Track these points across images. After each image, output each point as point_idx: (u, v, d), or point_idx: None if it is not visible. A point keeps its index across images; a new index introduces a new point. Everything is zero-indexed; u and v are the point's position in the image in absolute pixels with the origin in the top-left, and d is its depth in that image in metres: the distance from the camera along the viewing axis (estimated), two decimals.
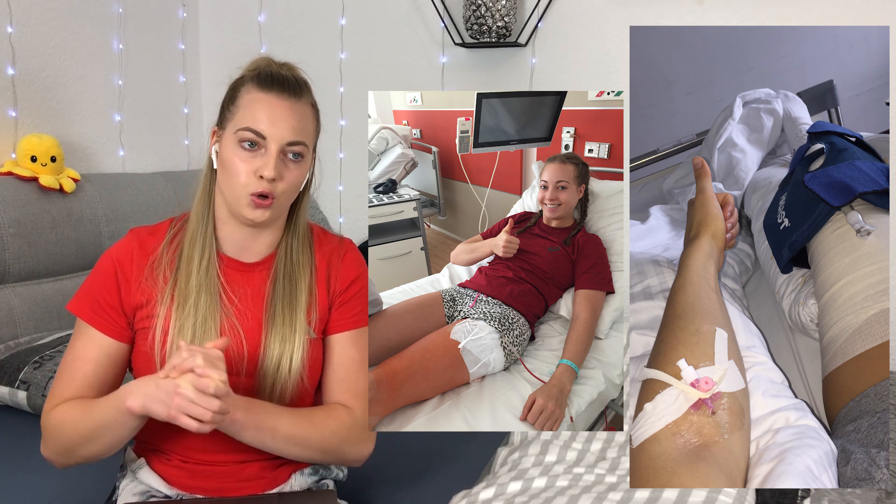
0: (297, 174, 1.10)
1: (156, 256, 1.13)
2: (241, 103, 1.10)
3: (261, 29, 2.86)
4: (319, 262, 1.20)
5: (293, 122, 1.09)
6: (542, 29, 2.53)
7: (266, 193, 1.07)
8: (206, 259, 1.12)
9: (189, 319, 1.09)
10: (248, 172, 1.07)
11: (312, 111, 1.15)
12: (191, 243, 1.12)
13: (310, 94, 1.15)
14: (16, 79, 2.13)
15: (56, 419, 1.08)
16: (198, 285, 1.10)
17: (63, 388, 1.10)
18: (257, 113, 1.07)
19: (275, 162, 1.06)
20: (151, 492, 1.17)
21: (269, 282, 1.16)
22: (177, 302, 1.10)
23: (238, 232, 1.14)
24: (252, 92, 1.09)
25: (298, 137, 1.09)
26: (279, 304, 1.14)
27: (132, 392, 1.01)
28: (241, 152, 1.07)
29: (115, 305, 1.11)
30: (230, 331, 1.12)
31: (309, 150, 1.12)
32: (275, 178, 1.06)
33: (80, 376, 1.10)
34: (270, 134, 1.07)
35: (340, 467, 1.29)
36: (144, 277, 1.11)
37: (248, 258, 1.16)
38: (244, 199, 1.07)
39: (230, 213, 1.12)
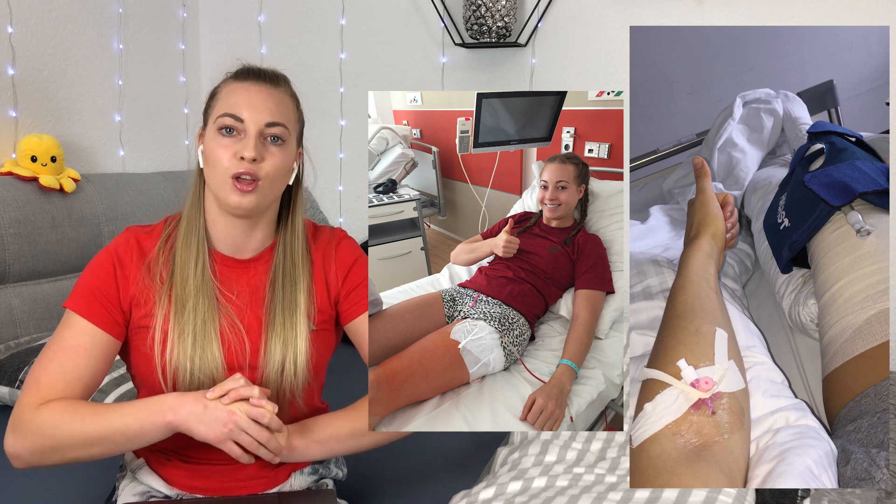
0: (279, 158, 1.10)
1: (152, 257, 1.12)
2: (219, 97, 1.11)
3: (261, 29, 2.86)
4: (315, 256, 1.20)
5: (271, 105, 1.09)
6: (542, 29, 2.53)
7: (248, 173, 1.06)
8: (201, 262, 1.11)
9: (188, 324, 1.09)
10: (229, 157, 1.07)
11: (292, 100, 1.15)
12: (184, 246, 1.12)
13: (288, 85, 1.16)
14: (16, 79, 2.13)
15: (49, 417, 1.02)
16: (195, 289, 1.10)
17: (51, 381, 1.05)
18: (234, 99, 1.09)
19: (254, 142, 1.07)
20: (151, 492, 1.17)
21: (267, 284, 1.15)
22: (174, 306, 1.09)
23: (230, 228, 1.14)
24: (229, 84, 1.12)
25: (277, 119, 1.09)
26: (279, 308, 1.13)
27: (173, 407, 1.01)
28: (222, 139, 1.08)
29: (113, 300, 1.10)
30: (230, 329, 1.12)
31: (290, 134, 1.12)
32: (255, 159, 1.06)
33: (71, 368, 1.06)
34: (248, 117, 1.08)
35: (340, 467, 1.29)
36: (142, 277, 1.11)
37: (242, 255, 1.16)
38: (227, 185, 1.07)
39: (220, 207, 1.12)
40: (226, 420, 1.00)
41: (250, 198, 1.08)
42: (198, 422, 1.01)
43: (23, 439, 1.04)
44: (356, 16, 2.76)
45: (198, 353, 1.08)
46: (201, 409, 1.01)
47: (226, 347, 1.11)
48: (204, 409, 1.01)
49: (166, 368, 1.08)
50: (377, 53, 2.75)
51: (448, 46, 2.64)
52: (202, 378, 1.09)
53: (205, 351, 1.09)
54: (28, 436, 1.03)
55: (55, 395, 1.05)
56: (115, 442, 1.03)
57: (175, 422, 1.01)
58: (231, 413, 1.00)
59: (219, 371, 1.09)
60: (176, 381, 1.09)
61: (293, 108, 1.15)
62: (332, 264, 1.21)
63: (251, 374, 1.12)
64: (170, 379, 1.09)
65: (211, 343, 1.09)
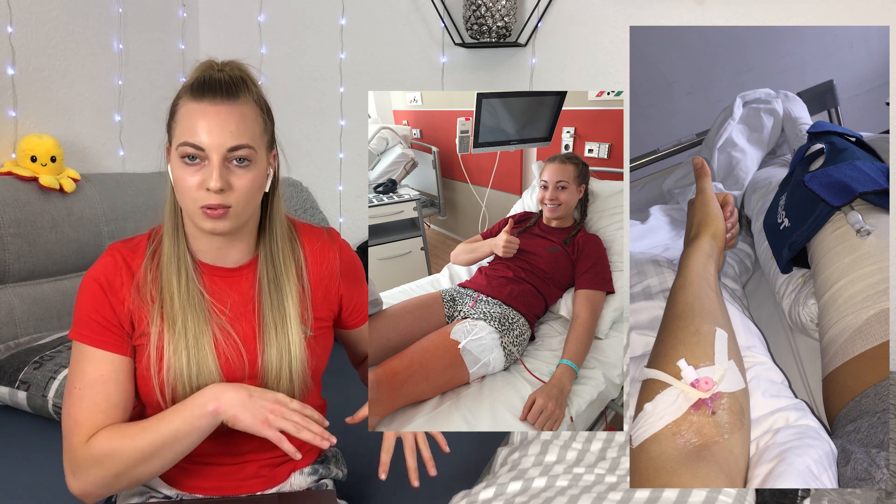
0: (247, 180, 1.05)
1: (140, 277, 1.09)
2: (178, 117, 1.06)
3: (261, 29, 2.86)
4: (312, 260, 1.19)
5: (231, 128, 1.03)
6: (542, 29, 2.53)
7: (217, 205, 1.03)
8: (185, 278, 1.09)
9: (181, 341, 1.07)
10: (195, 187, 1.03)
11: (254, 108, 1.07)
12: (167, 264, 1.10)
13: (249, 91, 1.07)
14: (16, 79, 2.13)
15: (102, 447, 1.03)
16: (181, 307, 1.08)
17: (91, 416, 1.05)
18: (193, 125, 1.03)
19: (218, 172, 1.02)
20: (151, 492, 1.17)
21: (255, 292, 1.14)
22: (166, 323, 1.08)
23: (211, 242, 1.12)
24: (187, 104, 1.05)
25: (239, 141, 1.03)
26: (269, 314, 1.12)
27: (216, 396, 1.04)
28: (186, 168, 1.04)
29: (114, 321, 1.08)
30: (226, 341, 1.10)
31: (256, 152, 1.06)
32: (222, 189, 1.03)
33: (104, 398, 1.06)
34: (209, 144, 1.02)
35: (340, 467, 1.29)
36: (132, 298, 1.09)
37: (228, 263, 1.14)
38: (198, 214, 1.05)
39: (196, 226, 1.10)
40: (271, 406, 1.04)
41: (223, 223, 1.05)
42: (242, 408, 1.03)
43: (84, 476, 1.05)
44: (356, 16, 2.76)
45: (194, 370, 1.07)
46: (245, 396, 1.04)
47: (222, 360, 1.10)
48: (249, 397, 1.04)
49: (164, 386, 1.07)
50: (377, 53, 2.75)
51: (448, 46, 2.64)
52: None
53: (200, 366, 1.07)
54: (88, 471, 1.05)
55: (97, 428, 1.05)
56: (171, 448, 1.04)
57: (220, 408, 1.03)
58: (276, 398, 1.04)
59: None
60: (175, 398, 1.08)
61: (257, 118, 1.07)
62: (334, 270, 1.20)
63: (251, 383, 1.11)
64: (168, 396, 1.07)
65: (206, 357, 1.08)
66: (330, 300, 1.20)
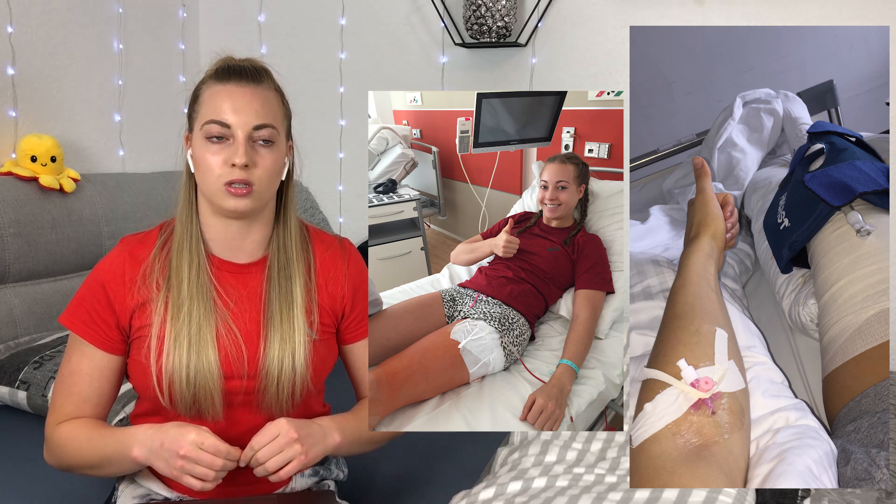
0: (270, 160, 1.08)
1: (147, 265, 1.11)
2: (202, 100, 1.09)
3: (261, 29, 2.86)
4: (321, 264, 1.19)
5: (256, 107, 1.07)
6: (542, 29, 2.53)
7: (241, 181, 1.05)
8: (196, 265, 1.10)
9: (184, 329, 1.08)
10: (220, 164, 1.06)
11: (277, 95, 1.12)
12: (178, 251, 1.11)
13: (271, 80, 1.12)
14: (16, 79, 2.13)
15: (61, 438, 1.10)
16: (189, 294, 1.09)
17: (63, 403, 1.12)
18: (219, 104, 1.06)
19: (244, 149, 1.05)
20: (151, 494, 1.16)
21: (264, 281, 1.14)
22: (171, 312, 1.08)
23: (226, 231, 1.13)
24: (212, 86, 1.09)
25: (264, 121, 1.07)
26: (276, 303, 1.13)
27: (139, 442, 1.04)
28: (211, 146, 1.06)
29: (108, 320, 1.10)
30: (227, 335, 1.10)
31: (279, 133, 1.10)
32: (247, 165, 1.05)
33: (76, 391, 1.11)
34: (235, 121, 1.05)
35: (341, 468, 1.29)
36: (137, 287, 1.10)
37: (240, 258, 1.15)
38: (221, 191, 1.06)
39: (214, 211, 1.11)
40: (176, 456, 1.01)
41: (246, 201, 1.07)
42: (156, 457, 1.03)
43: (49, 455, 1.14)
44: (356, 16, 2.76)
45: (193, 360, 1.07)
46: (158, 445, 1.03)
47: (222, 354, 1.10)
48: (160, 447, 1.02)
49: (161, 376, 1.07)
50: (377, 53, 2.75)
51: (448, 46, 2.64)
52: (198, 388, 1.08)
53: (200, 357, 1.07)
54: (53, 451, 1.13)
55: (67, 416, 1.12)
56: (105, 467, 1.09)
57: (139, 457, 1.04)
58: (179, 448, 1.00)
59: (214, 380, 1.08)
60: (172, 390, 1.07)
61: (279, 103, 1.12)
62: (341, 278, 1.20)
63: (249, 382, 1.11)
64: (165, 387, 1.07)
65: (207, 349, 1.08)
66: (335, 308, 1.20)
